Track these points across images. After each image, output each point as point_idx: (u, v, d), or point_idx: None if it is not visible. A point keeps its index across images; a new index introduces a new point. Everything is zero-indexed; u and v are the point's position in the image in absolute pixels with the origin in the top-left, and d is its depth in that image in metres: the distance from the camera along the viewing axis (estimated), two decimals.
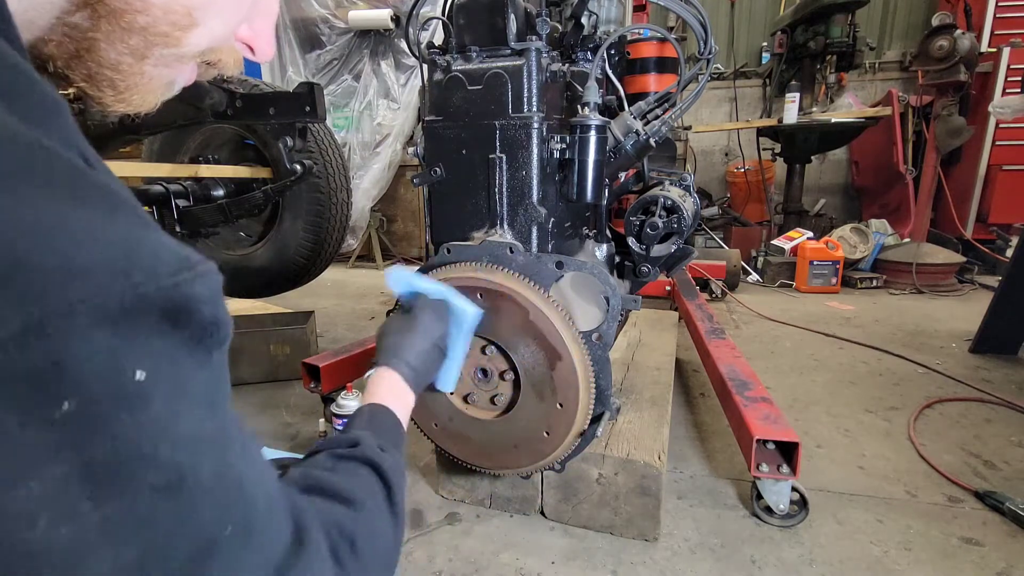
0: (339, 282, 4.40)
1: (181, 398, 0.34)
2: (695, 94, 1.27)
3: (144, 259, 0.32)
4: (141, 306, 0.31)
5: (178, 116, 2.01)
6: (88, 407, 0.29)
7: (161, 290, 0.32)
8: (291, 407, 2.06)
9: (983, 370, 2.30)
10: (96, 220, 0.31)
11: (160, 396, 0.32)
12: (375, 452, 0.61)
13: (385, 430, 0.71)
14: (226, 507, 0.36)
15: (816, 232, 4.36)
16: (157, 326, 0.32)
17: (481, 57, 1.19)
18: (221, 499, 0.35)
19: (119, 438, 0.30)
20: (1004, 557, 1.23)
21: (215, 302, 0.36)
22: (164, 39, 0.43)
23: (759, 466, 1.30)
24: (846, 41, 3.93)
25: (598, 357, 1.14)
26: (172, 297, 0.32)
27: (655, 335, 2.21)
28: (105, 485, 0.30)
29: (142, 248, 0.32)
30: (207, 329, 0.36)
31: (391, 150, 4.67)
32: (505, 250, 1.16)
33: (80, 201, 0.31)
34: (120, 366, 0.30)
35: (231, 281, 2.54)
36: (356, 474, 0.58)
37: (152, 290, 0.31)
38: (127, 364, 0.31)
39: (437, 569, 1.22)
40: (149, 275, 0.31)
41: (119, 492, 0.30)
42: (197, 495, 0.34)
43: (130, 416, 0.30)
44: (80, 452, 0.29)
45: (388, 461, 0.61)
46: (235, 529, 0.36)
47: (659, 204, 1.36)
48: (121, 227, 0.32)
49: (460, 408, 1.24)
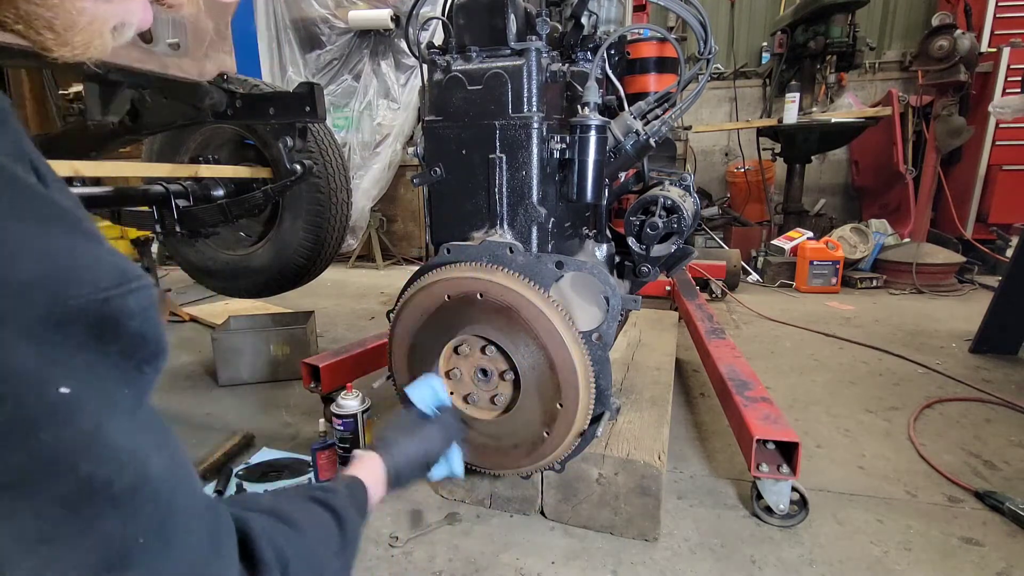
0: (339, 282, 4.40)
1: (107, 414, 0.33)
2: (695, 94, 1.27)
3: (78, 273, 0.32)
4: (69, 319, 0.31)
5: (178, 116, 2.01)
6: (9, 421, 0.29)
7: (92, 304, 0.32)
8: (291, 407, 2.06)
9: (983, 370, 2.30)
10: (31, 234, 0.31)
11: (85, 412, 0.32)
12: (342, 505, 0.65)
13: (356, 496, 0.75)
14: (142, 520, 0.35)
15: (816, 232, 4.36)
16: (84, 338, 0.32)
17: (481, 57, 1.19)
18: (138, 514, 0.35)
19: (34, 454, 0.30)
20: (1004, 557, 1.23)
21: (144, 316, 0.36)
22: None
23: (759, 466, 1.30)
24: (846, 41, 3.94)
25: (598, 357, 1.14)
26: (101, 311, 0.32)
27: (655, 335, 2.21)
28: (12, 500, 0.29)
29: (77, 262, 0.32)
30: (135, 344, 0.35)
31: (391, 150, 4.67)
32: (505, 250, 1.16)
33: (18, 214, 0.31)
34: (44, 379, 0.30)
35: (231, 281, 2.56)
36: (311, 511, 0.61)
37: (82, 304, 0.31)
38: (51, 378, 0.30)
39: (437, 569, 1.22)
40: (81, 289, 0.31)
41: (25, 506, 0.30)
42: (108, 511, 0.33)
43: (49, 433, 0.30)
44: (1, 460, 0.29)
45: (351, 515, 0.65)
46: (148, 540, 0.35)
47: (659, 204, 1.36)
48: (58, 241, 0.32)
49: (460, 408, 1.24)
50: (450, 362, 1.23)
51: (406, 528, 1.36)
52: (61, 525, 0.31)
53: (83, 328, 0.32)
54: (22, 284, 0.29)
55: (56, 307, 0.30)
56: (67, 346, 0.31)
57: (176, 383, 2.34)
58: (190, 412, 2.05)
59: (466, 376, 1.22)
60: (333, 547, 0.60)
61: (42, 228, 0.32)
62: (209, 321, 3.13)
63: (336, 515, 0.63)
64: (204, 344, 2.76)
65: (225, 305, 3.48)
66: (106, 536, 0.33)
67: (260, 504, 0.56)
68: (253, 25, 4.62)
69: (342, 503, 0.66)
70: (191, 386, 2.31)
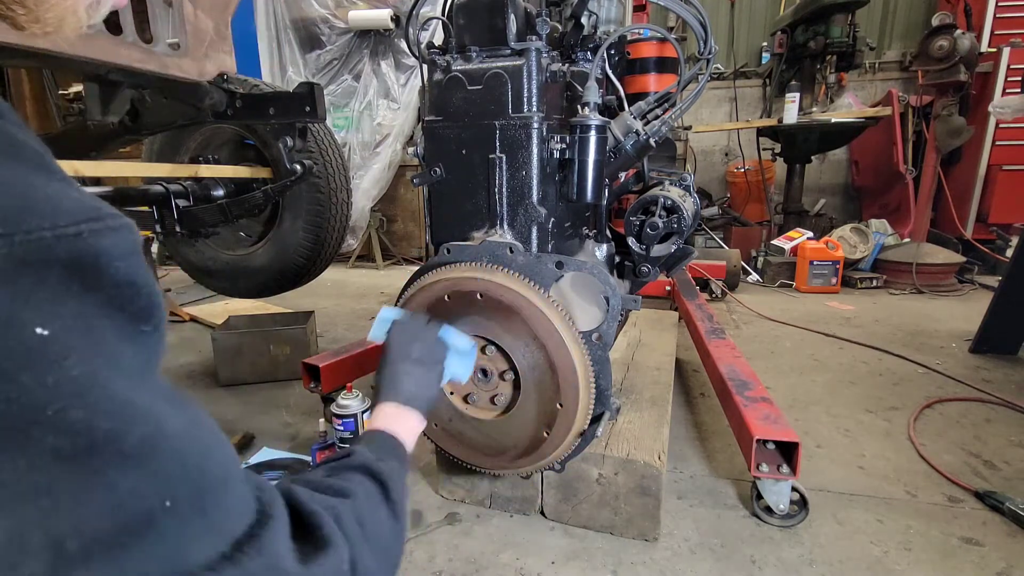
0: (339, 282, 4.40)
1: (102, 364, 0.31)
2: (695, 94, 1.27)
3: (41, 205, 0.30)
4: (37, 256, 0.29)
5: (178, 116, 2.01)
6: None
7: (60, 239, 0.30)
8: (291, 407, 2.06)
9: (983, 370, 2.30)
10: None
11: (73, 358, 0.30)
12: (368, 459, 0.61)
13: (380, 445, 0.71)
14: (162, 479, 0.33)
15: (816, 232, 4.36)
16: (63, 282, 0.30)
17: (481, 57, 1.19)
18: (154, 471, 0.32)
19: (14, 400, 0.28)
20: (1004, 557, 1.23)
21: (129, 260, 0.33)
22: None
23: (759, 466, 1.30)
24: (846, 41, 3.94)
25: (598, 357, 1.14)
26: (74, 249, 0.30)
27: (655, 335, 2.21)
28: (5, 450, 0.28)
29: (39, 195, 0.30)
30: (124, 292, 0.33)
31: (391, 150, 4.67)
32: (505, 250, 1.16)
33: None
34: (16, 319, 0.28)
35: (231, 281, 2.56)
36: (348, 477, 0.58)
37: (48, 237, 0.29)
38: (25, 317, 0.28)
39: (437, 569, 1.22)
40: (45, 222, 0.29)
41: (10, 458, 0.28)
42: (116, 465, 0.31)
43: (31, 376, 0.28)
44: None
45: (383, 466, 0.61)
46: (177, 503, 0.33)
47: (659, 204, 1.36)
48: (17, 174, 0.30)
49: (460, 408, 1.24)
50: None
51: (407, 529, 1.36)
52: (60, 476, 0.29)
53: (57, 267, 0.30)
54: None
55: (18, 240, 0.28)
56: (42, 288, 0.29)
57: (176, 383, 2.34)
58: None
59: None
60: (383, 514, 0.57)
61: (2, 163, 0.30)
62: (209, 321, 3.13)
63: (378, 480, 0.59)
64: (204, 344, 2.76)
65: (225, 305, 3.48)
66: (121, 493, 0.31)
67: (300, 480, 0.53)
68: (253, 25, 4.62)
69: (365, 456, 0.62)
70: (191, 386, 2.31)
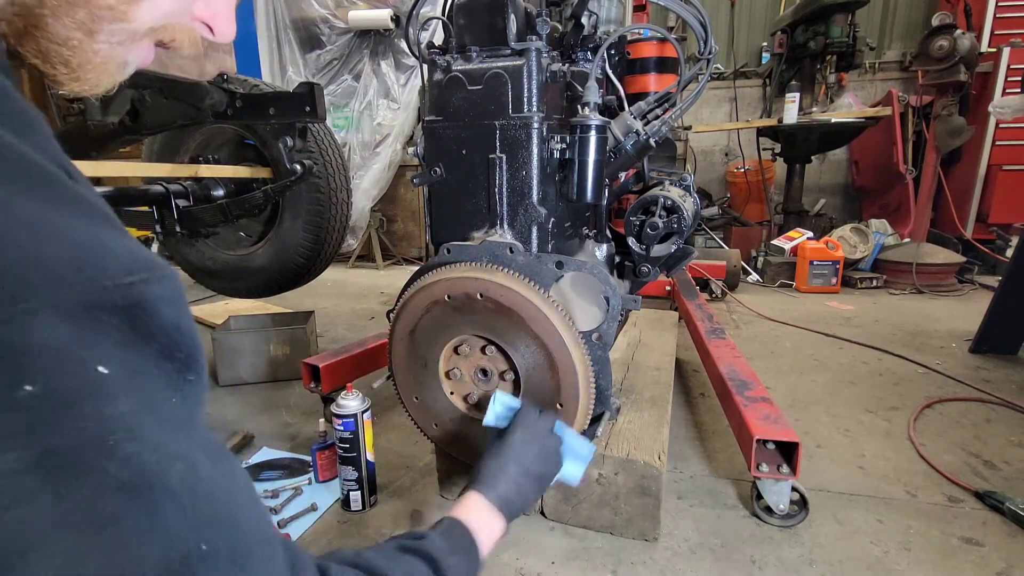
0: (339, 282, 4.40)
1: (148, 409, 0.34)
2: (695, 94, 1.27)
3: (104, 259, 0.34)
4: (98, 302, 0.32)
5: (178, 116, 2.01)
6: (50, 393, 0.30)
7: (118, 288, 0.33)
8: (291, 407, 2.06)
9: (983, 370, 2.30)
10: (65, 222, 0.33)
11: (125, 398, 0.32)
12: (438, 550, 0.61)
13: (457, 540, 0.70)
14: (201, 522, 0.34)
15: (816, 232, 4.36)
16: (118, 327, 0.33)
17: (481, 57, 1.19)
18: (194, 512, 0.34)
19: (80, 428, 0.30)
20: (1004, 557, 1.23)
21: (175, 306, 0.37)
22: (110, 12, 0.43)
23: (759, 466, 1.30)
24: (846, 41, 3.93)
25: (598, 357, 1.14)
26: (128, 296, 0.34)
27: (655, 335, 2.21)
28: (65, 476, 0.30)
29: (104, 250, 0.34)
30: (172, 339, 0.36)
31: (391, 150, 4.67)
32: (505, 250, 1.16)
33: (53, 205, 0.33)
34: (81, 356, 0.31)
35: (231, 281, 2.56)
36: (406, 561, 0.58)
37: (109, 286, 0.33)
38: (88, 356, 0.31)
39: None
40: (106, 273, 0.33)
41: (80, 485, 0.30)
42: (166, 502, 0.33)
43: (93, 407, 0.31)
44: (41, 437, 0.29)
45: (451, 561, 0.61)
46: (213, 548, 0.34)
47: (659, 204, 1.36)
48: (88, 230, 0.34)
49: (460, 408, 1.24)
50: (450, 362, 1.23)
51: (406, 528, 1.36)
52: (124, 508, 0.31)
53: (116, 315, 0.33)
54: (59, 265, 0.31)
55: (88, 290, 0.32)
56: (102, 332, 0.32)
57: None
58: None
59: (466, 376, 1.22)
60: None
61: (73, 217, 0.34)
62: (209, 321, 3.13)
63: (431, 560, 0.59)
64: (204, 344, 2.75)
65: (225, 305, 3.48)
66: (168, 530, 0.32)
67: (343, 557, 0.54)
68: (253, 25, 4.62)
69: (436, 548, 0.62)
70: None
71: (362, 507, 1.42)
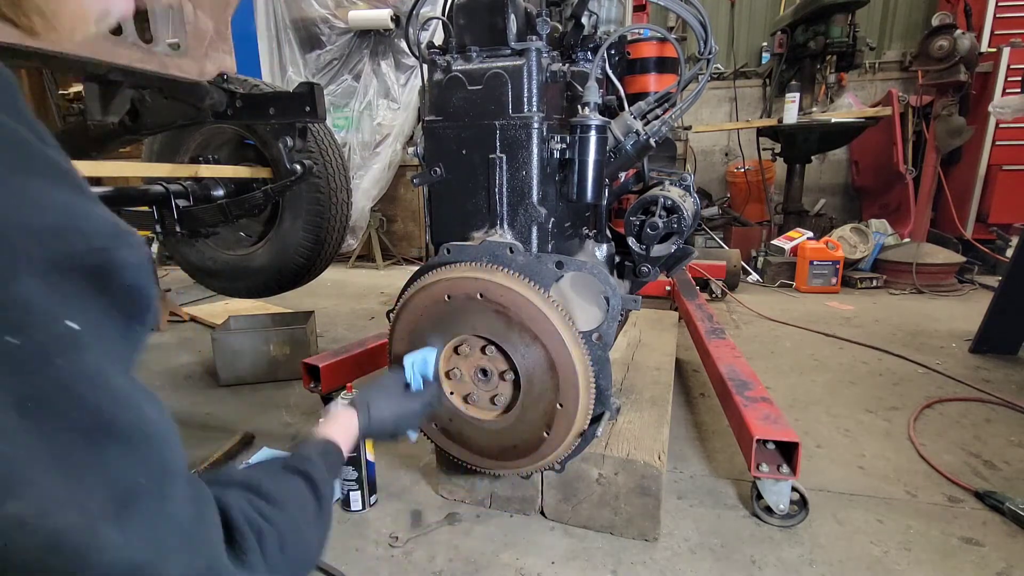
0: (339, 282, 4.40)
1: (107, 357, 0.37)
2: (695, 94, 1.27)
3: (80, 224, 0.36)
4: (72, 264, 0.35)
5: (178, 116, 2.01)
6: (28, 345, 0.33)
7: (91, 252, 0.36)
8: (291, 407, 2.06)
9: (983, 370, 2.30)
10: (42, 187, 0.36)
11: (92, 350, 0.36)
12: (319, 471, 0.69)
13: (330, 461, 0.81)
14: (139, 460, 0.38)
15: (816, 232, 4.36)
16: (85, 287, 0.36)
17: (481, 57, 1.19)
18: (135, 451, 0.38)
19: (54, 376, 0.34)
20: (1004, 557, 1.23)
21: (139, 269, 0.40)
22: None
23: (759, 466, 1.30)
24: (846, 41, 3.94)
25: (598, 357, 1.14)
26: (99, 260, 0.37)
27: (655, 335, 2.21)
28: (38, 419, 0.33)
29: (79, 215, 0.37)
30: (129, 295, 0.39)
31: (391, 150, 4.67)
32: (505, 250, 1.16)
33: (27, 171, 0.35)
34: (55, 313, 0.34)
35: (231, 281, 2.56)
36: (287, 480, 0.65)
37: (83, 251, 0.36)
38: (61, 313, 0.35)
39: (437, 569, 1.22)
40: (82, 238, 0.36)
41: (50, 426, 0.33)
42: (113, 443, 0.36)
43: (65, 360, 0.34)
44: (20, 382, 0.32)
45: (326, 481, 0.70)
46: (151, 486, 0.38)
47: (659, 204, 1.36)
48: (63, 195, 0.37)
49: (460, 408, 1.24)
50: (450, 362, 1.23)
51: (406, 528, 1.37)
52: (78, 452, 0.34)
53: (84, 275, 0.36)
54: (36, 229, 0.34)
55: (62, 253, 0.35)
56: (72, 290, 0.35)
57: (176, 383, 2.34)
58: (190, 412, 2.05)
59: (466, 376, 1.22)
60: (310, 514, 0.63)
61: (51, 185, 0.36)
62: (209, 321, 3.13)
63: (312, 483, 0.66)
64: (204, 344, 2.76)
65: (225, 305, 3.48)
66: (115, 470, 0.36)
67: (233, 478, 0.59)
68: (253, 25, 4.62)
69: (318, 471, 0.69)
70: (191, 386, 2.31)
71: (362, 507, 1.42)
